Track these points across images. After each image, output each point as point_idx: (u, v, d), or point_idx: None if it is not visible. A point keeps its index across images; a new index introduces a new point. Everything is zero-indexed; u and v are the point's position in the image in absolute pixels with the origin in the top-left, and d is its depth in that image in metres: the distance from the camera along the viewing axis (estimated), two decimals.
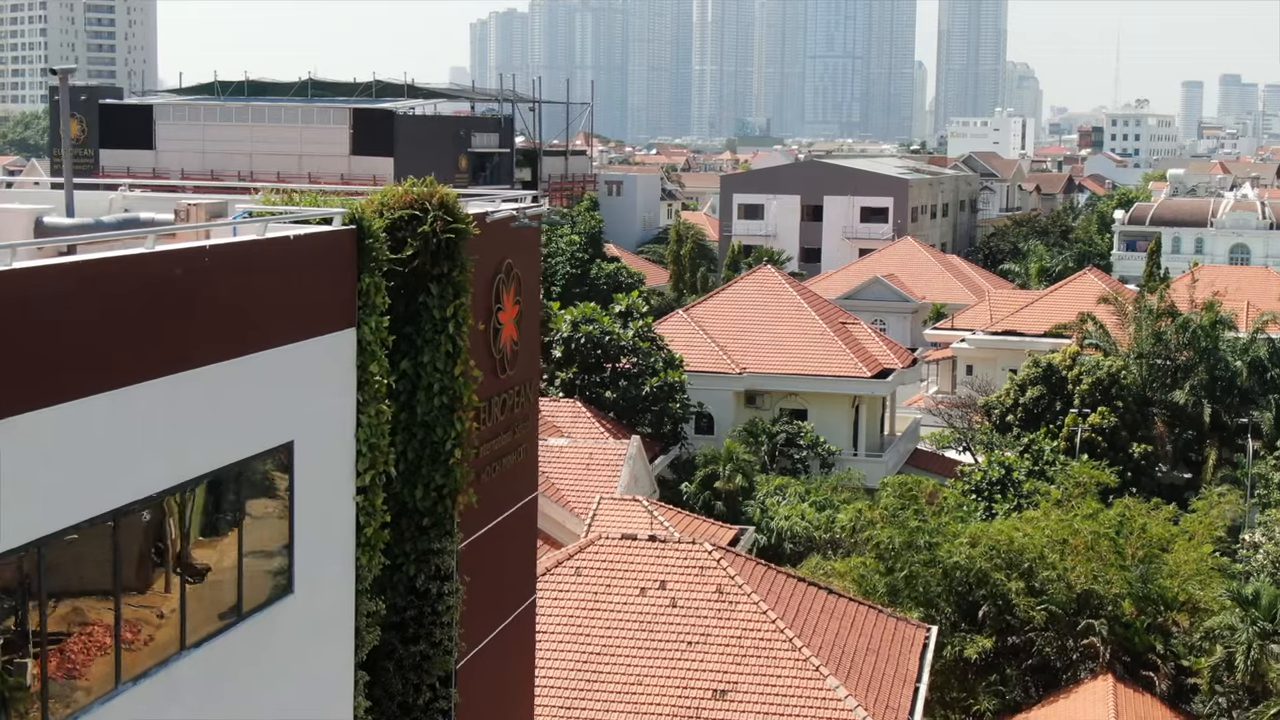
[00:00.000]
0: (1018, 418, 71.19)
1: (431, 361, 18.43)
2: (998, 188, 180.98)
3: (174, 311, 13.70)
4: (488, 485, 20.29)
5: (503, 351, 20.68)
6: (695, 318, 73.28)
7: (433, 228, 18.26)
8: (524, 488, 21.90)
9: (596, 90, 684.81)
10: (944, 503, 50.80)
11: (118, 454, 12.98)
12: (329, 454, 16.39)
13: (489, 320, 20.22)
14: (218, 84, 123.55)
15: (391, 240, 18.25)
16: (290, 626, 15.71)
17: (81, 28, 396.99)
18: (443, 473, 18.59)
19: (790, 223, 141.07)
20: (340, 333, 16.35)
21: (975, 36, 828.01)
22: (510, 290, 20.78)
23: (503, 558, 21.11)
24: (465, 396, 18.69)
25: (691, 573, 38.32)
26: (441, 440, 18.56)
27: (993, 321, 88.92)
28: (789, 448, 67.49)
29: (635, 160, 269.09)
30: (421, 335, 18.41)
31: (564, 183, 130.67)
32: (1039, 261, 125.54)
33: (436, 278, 18.38)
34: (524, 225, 20.18)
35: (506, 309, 20.67)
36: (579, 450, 55.48)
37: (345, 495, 16.67)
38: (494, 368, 20.42)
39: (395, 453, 18.52)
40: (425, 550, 18.70)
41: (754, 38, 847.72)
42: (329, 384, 16.32)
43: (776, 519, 58.81)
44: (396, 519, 18.57)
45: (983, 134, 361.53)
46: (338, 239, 16.29)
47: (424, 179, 18.80)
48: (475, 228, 18.71)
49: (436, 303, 18.37)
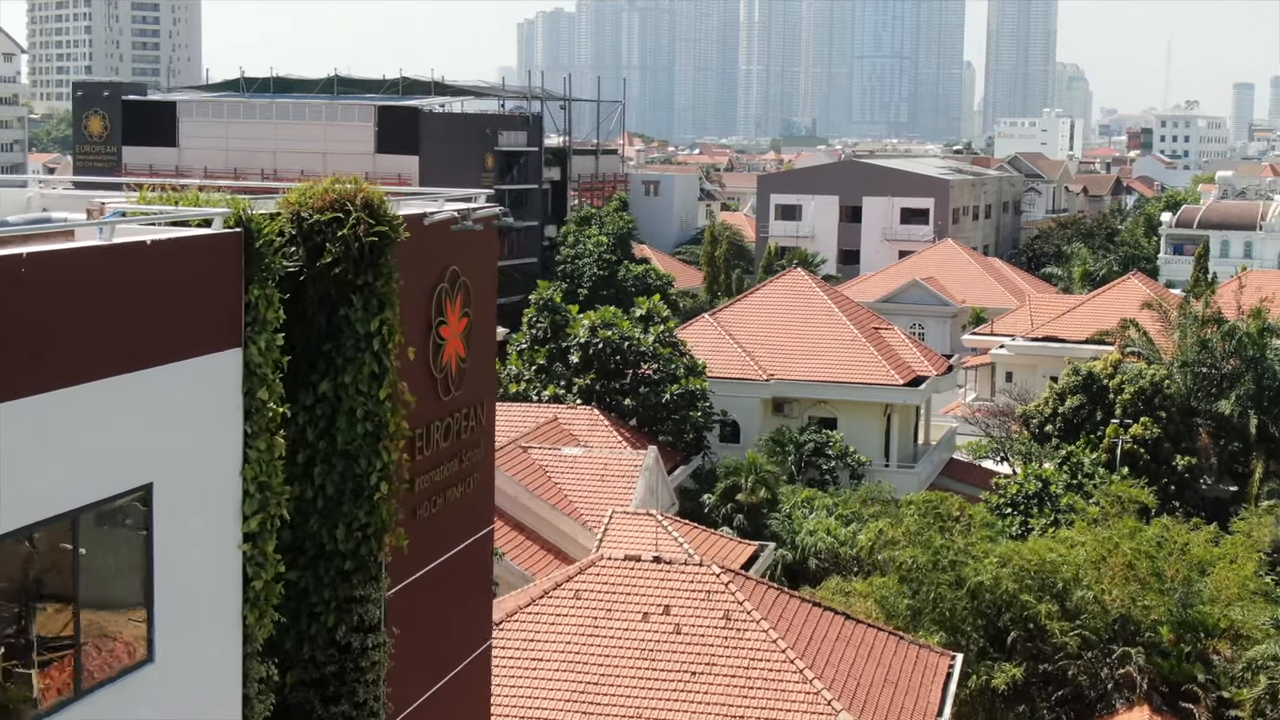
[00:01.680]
0: (1057, 428, 69.00)
1: (354, 383, 16.18)
2: (1044, 189, 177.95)
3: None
4: (425, 523, 18.03)
5: (446, 370, 18.42)
6: (722, 322, 70.93)
7: (354, 231, 16.02)
8: (473, 524, 19.60)
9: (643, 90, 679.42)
10: (972, 520, 48.29)
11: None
12: (205, 497, 14.10)
13: (428, 335, 17.96)
14: (243, 80, 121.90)
15: (309, 246, 16.03)
16: (149, 702, 13.42)
17: (126, 26, 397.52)
18: (367, 510, 16.33)
19: (828, 224, 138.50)
20: (222, 354, 14.06)
21: (1025, 37, 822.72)
22: (455, 301, 18.52)
23: (445, 604, 18.81)
24: (393, 423, 16.43)
25: (698, 597, 36.06)
26: (365, 473, 16.31)
27: (1033, 327, 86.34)
28: (817, 458, 65.11)
29: (677, 160, 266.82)
30: (342, 353, 16.16)
31: (594, 182, 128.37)
32: (1082, 265, 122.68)
33: (359, 288, 16.15)
34: (466, 228, 17.88)
35: (450, 322, 18.40)
36: (593, 460, 53.31)
37: (228, 544, 14.39)
38: (434, 389, 18.15)
39: (313, 487, 16.29)
40: (347, 598, 16.43)
41: (801, 37, 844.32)
42: (205, 415, 14.02)
43: (801, 533, 56.42)
44: (314, 562, 16.33)
45: (1031, 135, 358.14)
46: (218, 244, 14.00)
47: (348, 175, 16.55)
48: (406, 231, 16.44)
49: (359, 316, 16.12)
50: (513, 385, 61.76)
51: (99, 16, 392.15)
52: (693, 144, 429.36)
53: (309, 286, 16.12)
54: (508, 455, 51.61)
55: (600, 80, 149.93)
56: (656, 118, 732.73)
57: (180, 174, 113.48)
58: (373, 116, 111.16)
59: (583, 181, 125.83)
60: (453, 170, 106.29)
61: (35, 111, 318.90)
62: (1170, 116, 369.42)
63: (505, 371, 63.06)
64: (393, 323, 16.34)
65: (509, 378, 62.33)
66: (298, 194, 16.34)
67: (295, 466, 16.25)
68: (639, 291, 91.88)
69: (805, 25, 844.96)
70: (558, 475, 52.72)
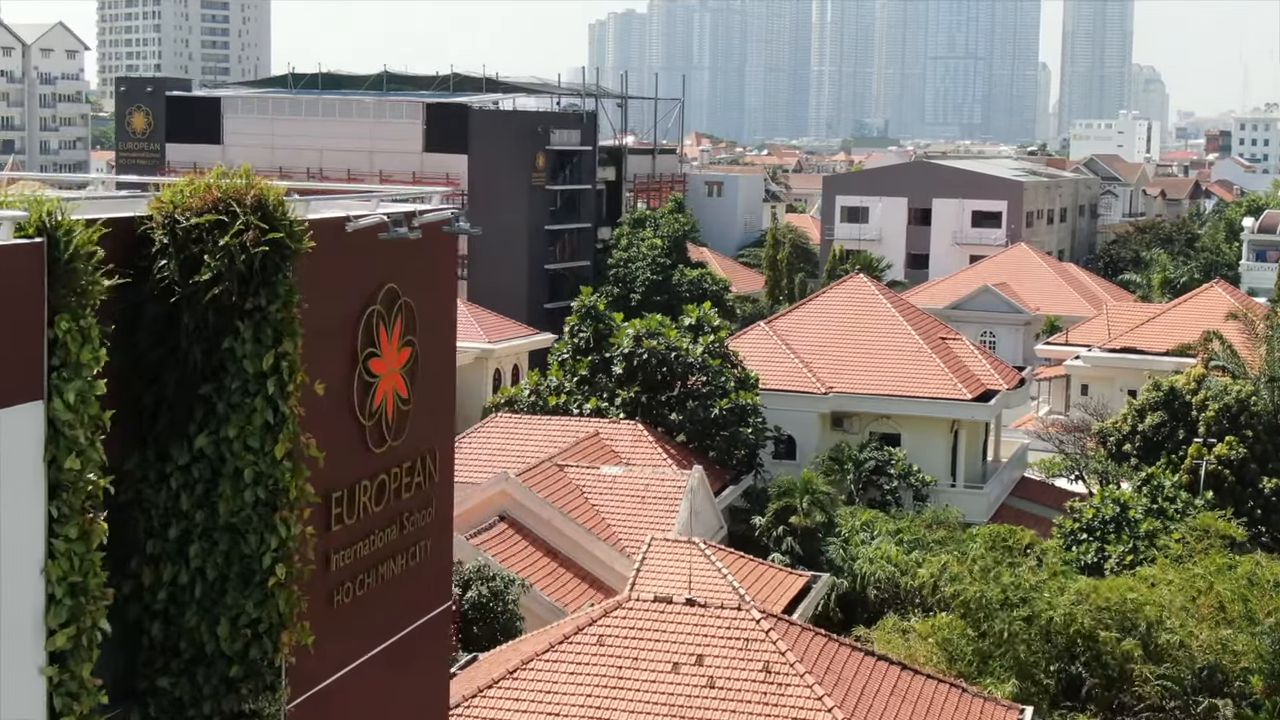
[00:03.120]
0: (1135, 446, 64.77)
1: (240, 437, 12.48)
2: (1121, 192, 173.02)
3: None
4: (347, 610, 14.30)
5: (379, 415, 14.68)
6: (778, 331, 67.00)
7: (240, 240, 12.31)
8: (420, 604, 15.81)
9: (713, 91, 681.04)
10: (1044, 554, 44.31)
11: None
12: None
13: (353, 371, 14.23)
14: (290, 76, 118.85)
15: (182, 258, 12.34)
16: None
17: (196, 24, 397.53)
18: (258, 601, 12.62)
19: (896, 227, 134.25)
20: (11, 410, 10.34)
21: (1101, 38, 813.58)
22: (393, 327, 14.78)
23: (381, 709, 15.02)
24: (293, 488, 12.71)
25: (735, 646, 32.26)
26: (256, 553, 12.61)
27: (1111, 337, 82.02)
28: (878, 477, 61.12)
29: (744, 160, 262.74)
30: (226, 398, 12.47)
31: (651, 182, 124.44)
32: (1162, 272, 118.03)
33: (248, 313, 12.44)
34: (397, 237, 14.12)
35: (385, 354, 14.67)
36: (634, 480, 49.73)
37: (25, 668, 10.68)
38: (361, 439, 14.43)
39: (189, 571, 12.60)
40: (234, 713, 12.71)
41: (874, 38, 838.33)
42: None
43: (859, 561, 52.48)
44: (191, 667, 12.63)
45: (1107, 137, 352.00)
46: (8, 260, 10.28)
47: (239, 168, 12.85)
48: (312, 240, 12.70)
49: (248, 350, 12.41)
50: (552, 398, 58.17)
51: (168, 15, 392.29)
52: (761, 145, 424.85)
53: (182, 311, 12.42)
54: (542, 474, 48.23)
55: (670, 81, 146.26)
56: (727, 119, 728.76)
57: None
58: (421, 114, 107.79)
59: (639, 182, 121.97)
60: (503, 170, 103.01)
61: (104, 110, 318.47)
62: (1249, 119, 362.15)
63: (545, 383, 59.48)
64: (293, 358, 12.63)
65: (548, 389, 58.73)
66: (171, 192, 12.64)
67: (167, 544, 12.62)
68: (694, 297, 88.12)
69: (878, 26, 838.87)
70: (595, 496, 49.19)
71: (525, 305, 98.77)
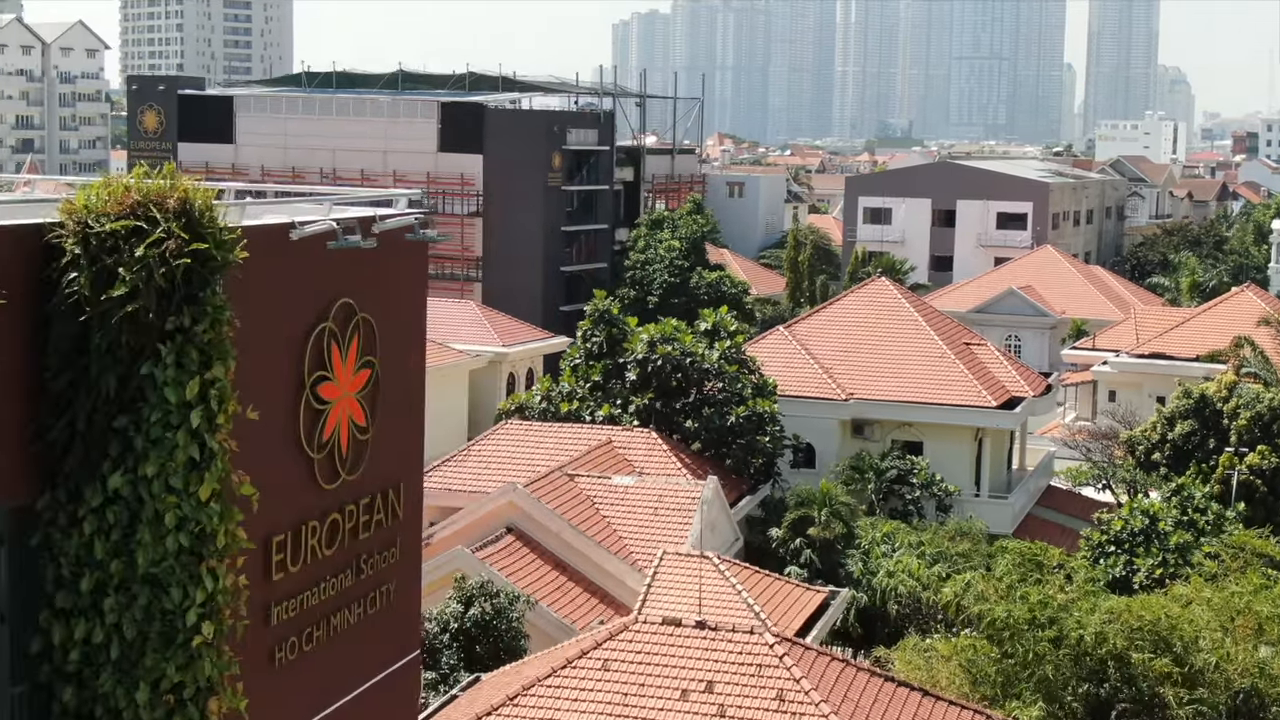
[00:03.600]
0: (1165, 455, 63.05)
1: (161, 476, 10.87)
2: (1147, 194, 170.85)
3: None
4: (291, 670, 12.66)
5: (332, 445, 13.04)
6: (798, 336, 65.25)
7: (161, 250, 10.70)
8: (383, 656, 14.15)
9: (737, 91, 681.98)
10: (1074, 573, 42.56)
11: None
12: None
13: (299, 397, 12.59)
14: (304, 74, 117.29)
15: (94, 270, 10.73)
16: None
17: (219, 24, 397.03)
18: (181, 663, 11.01)
19: (920, 228, 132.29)
20: None
21: (1126, 39, 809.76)
22: (348, 347, 13.14)
23: None
24: (222, 533, 11.09)
25: (747, 672, 30.57)
26: (179, 608, 11.00)
27: (1139, 342, 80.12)
28: (900, 486, 59.35)
29: (767, 161, 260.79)
30: (145, 432, 10.86)
31: (669, 183, 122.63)
32: (1191, 275, 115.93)
33: (170, 335, 10.82)
34: (347, 246, 12.47)
35: (339, 377, 13.03)
36: (647, 491, 48.10)
37: None
38: (309, 474, 12.79)
39: (104, 629, 11.00)
40: None
41: (898, 39, 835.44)
42: None
43: (880, 574, 50.78)
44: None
45: (1132, 138, 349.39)
46: None
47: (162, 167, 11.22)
48: (244, 250, 11.08)
49: (169, 377, 10.80)
50: (564, 404, 56.53)
51: (191, 15, 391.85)
52: (784, 145, 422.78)
53: (93, 332, 10.81)
54: (551, 484, 46.68)
55: (695, 81, 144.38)
56: (750, 119, 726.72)
57: (236, 172, 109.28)
58: (436, 113, 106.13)
59: (657, 182, 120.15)
60: (518, 170, 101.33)
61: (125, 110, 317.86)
62: (1276, 120, 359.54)
63: (557, 389, 57.86)
64: (222, 385, 11.01)
65: (560, 396, 57.10)
66: (85, 195, 11.03)
67: (79, 597, 11.02)
68: (712, 300, 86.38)
69: (903, 26, 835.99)
70: (607, 507, 47.60)
71: (540, 308, 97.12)
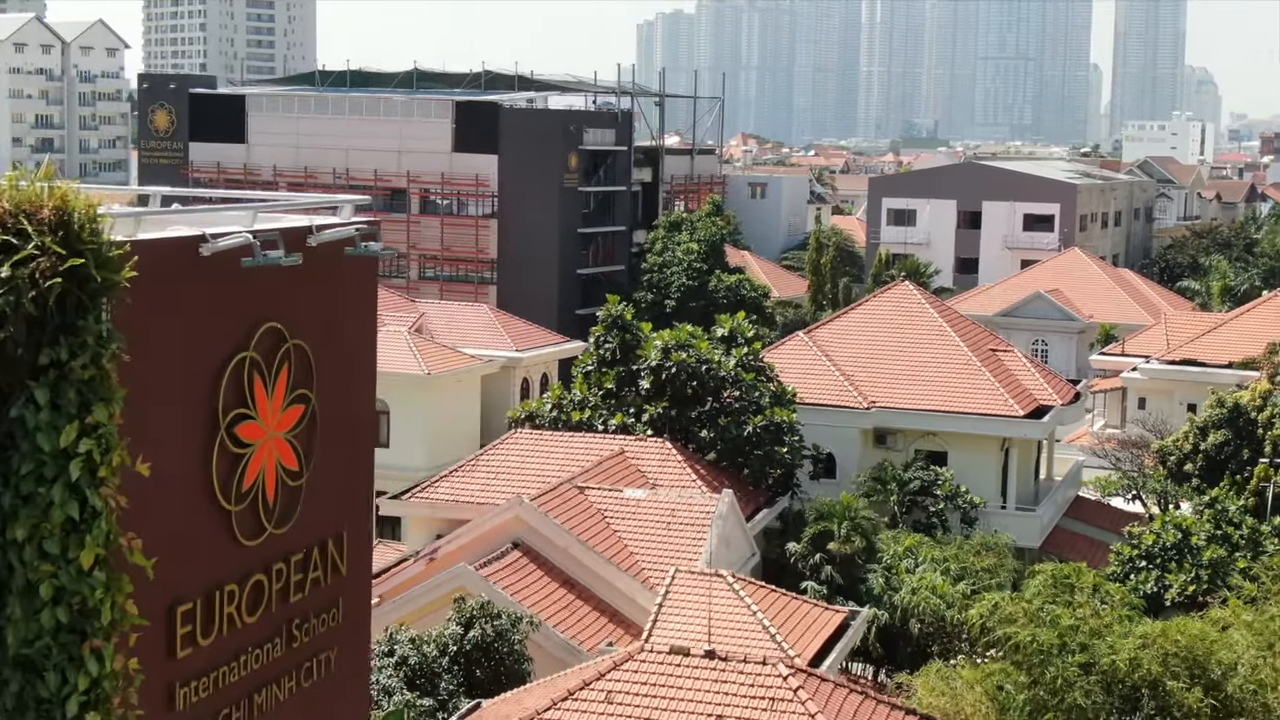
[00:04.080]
0: (1197, 466, 61.08)
1: (34, 540, 9.02)
2: (1175, 195, 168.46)
3: None
4: None
5: (254, 495, 11.14)
6: (818, 341, 63.28)
7: (31, 271, 8.85)
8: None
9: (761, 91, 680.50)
10: (1109, 596, 40.61)
11: None
12: None
13: (213, 440, 10.71)
14: (318, 73, 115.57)
15: None
16: None
17: (241, 24, 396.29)
18: None
19: (945, 230, 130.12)
20: None
21: (1153, 39, 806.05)
22: (277, 380, 11.24)
23: None
24: (108, 608, 9.23)
25: (759, 706, 28.74)
26: (57, 696, 9.14)
27: (1169, 348, 78.01)
28: (923, 498, 57.34)
29: (790, 161, 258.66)
30: (15, 487, 9.01)
31: (689, 184, 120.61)
32: (1222, 279, 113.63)
33: (43, 370, 8.98)
34: (264, 263, 10.57)
35: (264, 415, 11.14)
36: (659, 505, 46.22)
37: None
38: (225, 530, 10.89)
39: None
40: None
41: (924, 39, 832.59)
42: None
43: (902, 591, 48.84)
44: None
45: (1160, 138, 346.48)
46: None
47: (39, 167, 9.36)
48: (133, 269, 9.20)
49: (43, 421, 8.94)
50: (575, 413, 54.66)
51: (214, 15, 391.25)
52: (808, 145, 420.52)
53: None
54: (560, 497, 44.88)
55: (718, 80, 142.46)
56: (775, 119, 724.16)
57: (248, 173, 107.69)
58: (450, 113, 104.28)
59: (676, 183, 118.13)
60: (534, 171, 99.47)
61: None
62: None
63: (568, 397, 56.01)
64: (108, 431, 9.12)
65: (571, 404, 55.24)
66: None
67: None
68: (731, 303, 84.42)
69: (928, 26, 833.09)
70: (618, 522, 45.76)
71: (556, 311, 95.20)
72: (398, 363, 70.06)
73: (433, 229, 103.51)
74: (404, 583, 43.17)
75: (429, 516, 49.99)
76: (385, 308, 77.78)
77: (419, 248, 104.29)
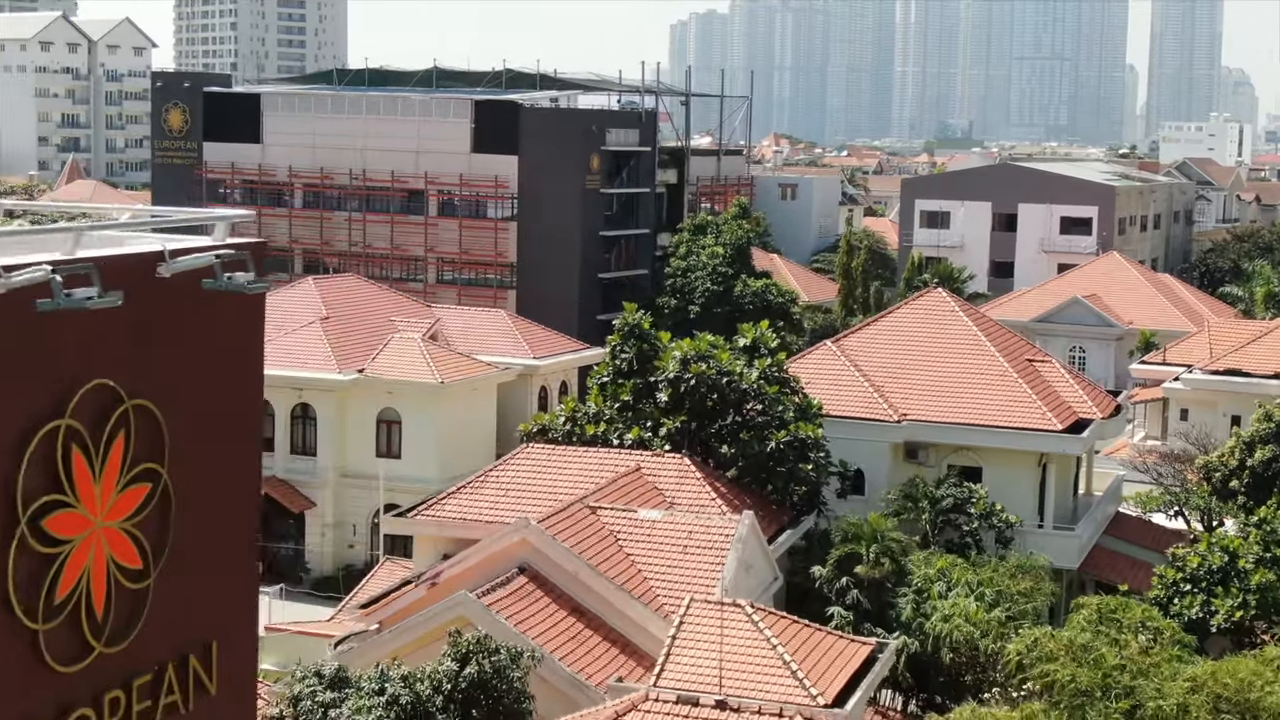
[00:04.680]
0: (1243, 483, 58.37)
1: None
2: (1214, 197, 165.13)
3: None
4: None
5: (74, 604, 8.51)
6: (847, 351, 60.63)
7: None
8: None
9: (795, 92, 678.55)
10: (1159, 633, 37.95)
11: None
12: None
13: (8, 540, 8.09)
14: (336, 72, 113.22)
15: None
16: None
17: (273, 23, 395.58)
18: None
19: (979, 233, 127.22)
20: None
21: (1189, 40, 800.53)
22: (108, 453, 8.61)
23: None
24: None
25: None
26: None
27: (1213, 358, 75.06)
28: (956, 516, 54.62)
29: (823, 162, 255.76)
30: None
31: (715, 185, 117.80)
32: (1266, 285, 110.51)
33: None
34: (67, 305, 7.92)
35: (86, 501, 8.52)
36: (676, 526, 43.77)
37: None
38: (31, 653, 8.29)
39: None
40: None
41: (958, 39, 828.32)
42: None
43: (934, 618, 46.10)
44: None
45: (1197, 139, 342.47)
46: None
47: None
48: None
49: None
50: (590, 426, 52.08)
51: (244, 14, 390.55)
52: (841, 146, 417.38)
53: None
54: (570, 518, 42.46)
55: (747, 80, 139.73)
56: (809, 120, 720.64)
57: (263, 173, 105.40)
58: (469, 112, 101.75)
59: (702, 185, 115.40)
60: (555, 171, 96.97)
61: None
62: None
63: (583, 409, 53.45)
64: None
65: (586, 417, 52.65)
66: None
67: None
68: (757, 309, 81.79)
69: (963, 26, 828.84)
70: (631, 544, 43.25)
71: (577, 317, 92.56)
72: (410, 371, 67.89)
73: (451, 231, 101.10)
74: (404, 609, 40.90)
75: (436, 535, 47.64)
76: (400, 314, 75.50)
77: (436, 250, 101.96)
